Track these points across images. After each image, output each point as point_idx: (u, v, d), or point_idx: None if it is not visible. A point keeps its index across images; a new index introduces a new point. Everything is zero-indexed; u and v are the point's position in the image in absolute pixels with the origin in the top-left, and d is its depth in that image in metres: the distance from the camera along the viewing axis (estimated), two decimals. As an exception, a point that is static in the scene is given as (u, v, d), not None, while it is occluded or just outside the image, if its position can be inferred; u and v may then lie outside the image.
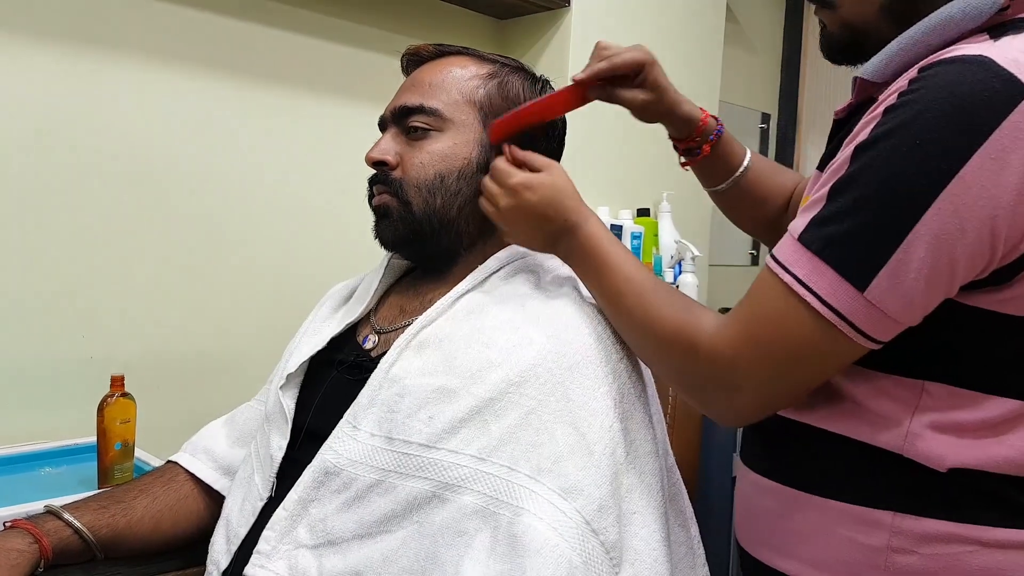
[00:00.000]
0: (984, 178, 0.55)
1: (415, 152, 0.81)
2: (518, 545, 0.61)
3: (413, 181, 0.80)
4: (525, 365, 0.68)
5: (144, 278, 1.40)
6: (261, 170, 1.54)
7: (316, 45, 1.62)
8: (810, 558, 0.68)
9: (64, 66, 1.29)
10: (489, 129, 0.81)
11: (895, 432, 0.64)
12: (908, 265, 0.56)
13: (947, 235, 0.55)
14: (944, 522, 0.62)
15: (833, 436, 0.67)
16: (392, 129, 0.84)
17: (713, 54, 2.35)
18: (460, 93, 0.82)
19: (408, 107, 0.81)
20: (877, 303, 0.57)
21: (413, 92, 0.82)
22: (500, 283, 0.79)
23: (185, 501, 0.88)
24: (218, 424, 0.95)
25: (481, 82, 0.83)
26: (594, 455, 0.65)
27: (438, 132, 0.81)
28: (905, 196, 0.56)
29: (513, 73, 0.85)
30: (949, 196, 0.55)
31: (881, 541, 0.64)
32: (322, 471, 0.71)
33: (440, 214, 0.80)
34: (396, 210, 0.81)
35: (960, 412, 0.62)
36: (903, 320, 0.59)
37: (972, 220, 0.55)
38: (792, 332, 0.60)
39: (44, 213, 1.29)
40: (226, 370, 1.51)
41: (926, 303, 0.59)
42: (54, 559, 0.77)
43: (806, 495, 0.69)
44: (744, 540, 0.76)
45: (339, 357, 0.82)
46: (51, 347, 1.30)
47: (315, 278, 1.63)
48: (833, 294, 0.58)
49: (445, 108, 0.81)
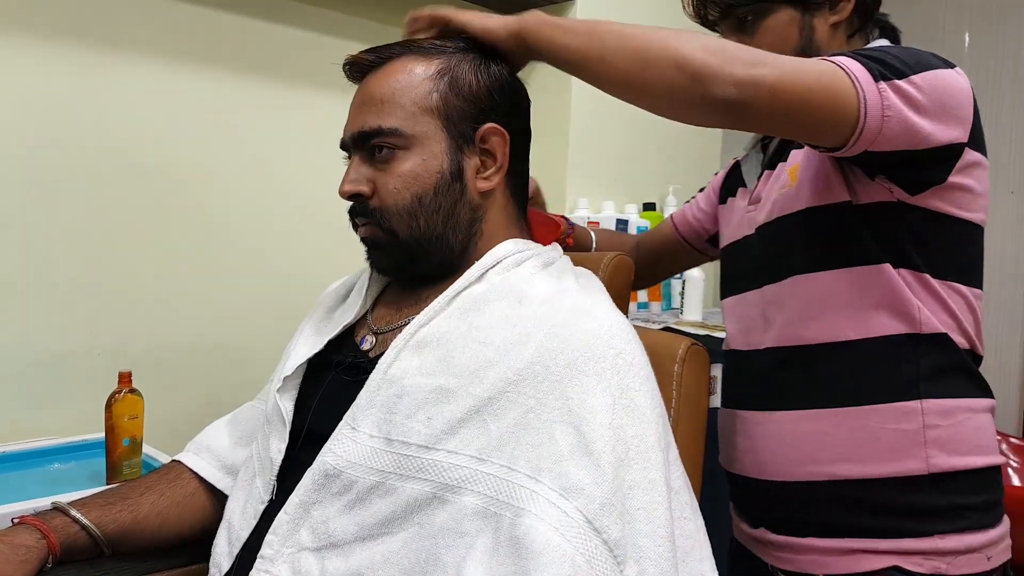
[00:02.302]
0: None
1: (386, 177, 0.79)
2: (520, 547, 0.60)
3: (392, 209, 0.79)
4: (523, 363, 0.68)
5: (151, 274, 1.41)
6: (268, 165, 1.55)
7: (322, 41, 1.62)
8: (866, 456, 0.89)
9: (71, 63, 1.30)
10: None
11: (911, 318, 0.88)
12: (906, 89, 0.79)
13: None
14: (951, 400, 0.89)
15: (853, 345, 0.90)
16: (357, 155, 0.82)
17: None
18: (414, 104, 0.79)
19: (366, 132, 0.79)
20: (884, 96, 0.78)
21: (367, 112, 0.80)
22: (496, 278, 0.78)
23: (190, 499, 0.88)
24: (221, 423, 0.95)
25: (432, 84, 0.79)
26: (593, 453, 0.64)
27: (404, 151, 0.79)
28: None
29: (461, 62, 0.81)
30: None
31: (917, 425, 0.87)
32: (322, 474, 0.71)
33: (427, 234, 0.80)
34: (383, 239, 0.80)
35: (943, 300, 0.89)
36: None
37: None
38: (824, 72, 0.78)
39: (51, 209, 1.29)
40: (233, 366, 1.52)
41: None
42: (62, 555, 0.77)
43: (846, 409, 0.90)
44: (780, 472, 0.94)
45: (337, 358, 0.82)
46: (59, 343, 1.31)
47: (322, 273, 1.62)
48: (861, 73, 0.78)
49: (404, 124, 0.78)
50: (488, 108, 0.82)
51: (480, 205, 0.82)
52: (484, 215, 0.82)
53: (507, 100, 0.84)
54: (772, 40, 0.97)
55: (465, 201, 0.81)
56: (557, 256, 0.84)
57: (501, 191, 0.84)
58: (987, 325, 0.98)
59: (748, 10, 0.99)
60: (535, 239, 0.87)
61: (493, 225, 0.83)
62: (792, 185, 0.94)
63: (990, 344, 2.83)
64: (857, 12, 0.98)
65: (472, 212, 0.82)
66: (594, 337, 0.70)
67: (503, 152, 0.82)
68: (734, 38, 1.00)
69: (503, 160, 0.83)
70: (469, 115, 0.81)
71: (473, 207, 0.82)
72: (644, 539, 0.63)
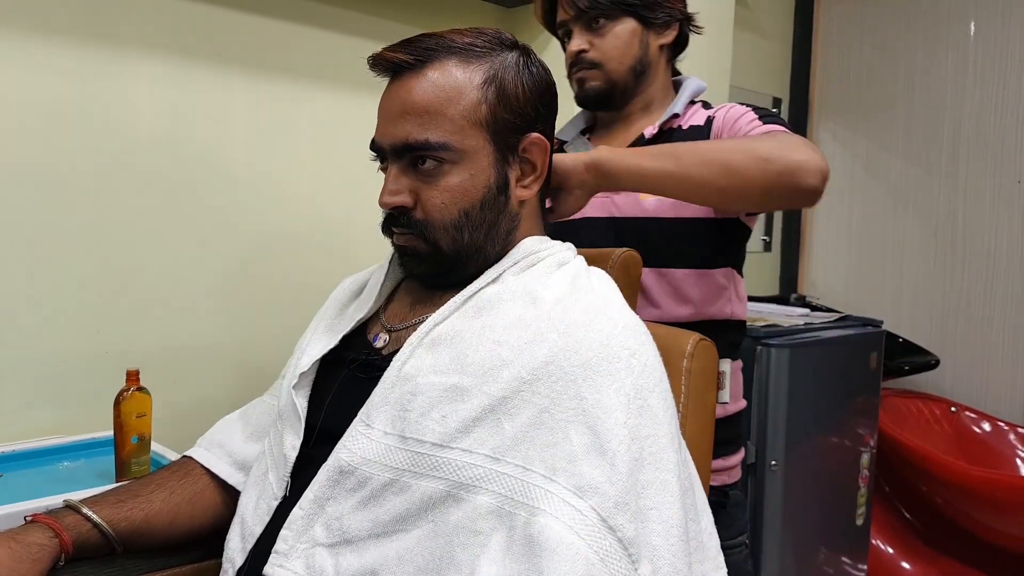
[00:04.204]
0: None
1: (432, 191, 0.77)
2: (535, 545, 0.61)
3: (438, 223, 0.78)
4: (537, 363, 0.68)
5: (158, 272, 1.41)
6: (275, 163, 1.55)
7: (327, 37, 1.61)
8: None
9: (78, 61, 1.29)
10: None
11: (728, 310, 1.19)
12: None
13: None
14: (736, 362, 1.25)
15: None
16: (397, 164, 0.79)
17: (724, 38, 2.32)
18: (463, 117, 0.76)
19: (412, 144, 0.76)
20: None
21: (410, 123, 0.76)
22: (512, 279, 0.78)
23: (201, 495, 0.88)
24: (232, 418, 0.95)
25: (480, 95, 0.77)
26: (608, 453, 0.64)
27: (452, 164, 0.77)
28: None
29: (504, 65, 0.79)
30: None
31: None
32: (336, 470, 0.71)
33: (469, 246, 0.79)
34: (424, 250, 0.79)
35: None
36: None
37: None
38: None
39: (58, 208, 1.29)
40: (241, 364, 1.52)
41: None
42: (74, 553, 0.78)
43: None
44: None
45: (350, 355, 0.82)
46: (67, 342, 1.31)
47: (329, 271, 1.63)
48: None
49: (453, 139, 0.76)
50: (533, 118, 0.81)
51: (517, 214, 0.82)
52: (519, 224, 0.83)
53: (547, 107, 0.84)
54: (616, 44, 1.15)
55: (507, 212, 0.81)
56: (572, 256, 0.84)
57: (533, 197, 0.84)
58: (996, 315, 1.01)
59: (601, 14, 1.15)
60: None
61: (525, 231, 0.84)
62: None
63: (999, 333, 2.81)
64: (678, 40, 1.21)
65: (511, 222, 0.82)
66: (608, 337, 0.70)
67: (543, 161, 0.82)
68: (584, 38, 1.16)
69: (542, 169, 0.83)
70: (515, 127, 0.80)
71: (512, 216, 0.82)
72: (657, 538, 0.64)
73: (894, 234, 2.84)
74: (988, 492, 2.18)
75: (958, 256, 2.68)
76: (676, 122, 1.18)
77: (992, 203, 2.60)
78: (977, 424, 2.52)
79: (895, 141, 2.83)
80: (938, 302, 2.72)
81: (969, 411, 2.54)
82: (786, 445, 1.84)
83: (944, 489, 2.30)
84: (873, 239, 2.89)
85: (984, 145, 2.61)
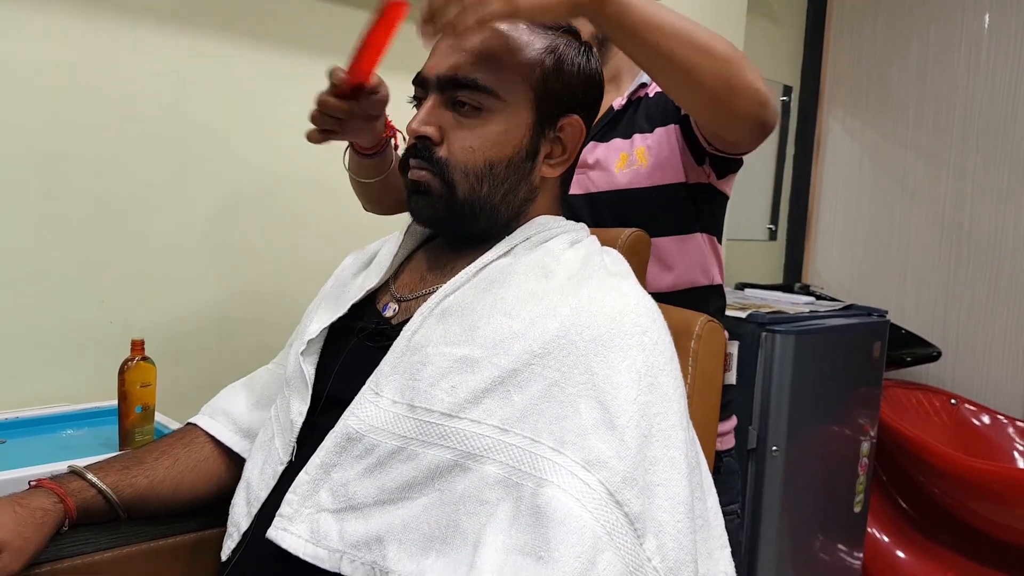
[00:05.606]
0: None
1: (464, 133, 0.77)
2: (541, 516, 0.61)
3: (460, 165, 0.77)
4: (548, 337, 0.68)
5: (163, 242, 1.41)
6: (281, 136, 1.54)
7: (336, 11, 1.60)
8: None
9: (83, 30, 1.28)
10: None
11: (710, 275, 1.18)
12: None
13: None
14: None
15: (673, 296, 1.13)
16: (436, 97, 0.78)
17: (735, 25, 2.31)
18: (517, 71, 0.77)
19: (459, 80, 0.76)
20: None
21: (464, 57, 0.76)
22: (525, 253, 0.78)
23: (205, 463, 0.88)
24: (237, 386, 0.95)
25: (539, 57, 0.78)
26: (617, 428, 0.64)
27: (490, 112, 0.77)
28: None
29: (567, 45, 0.81)
30: None
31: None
32: (344, 436, 0.71)
33: (484, 200, 0.79)
34: (437, 190, 0.78)
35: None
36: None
37: None
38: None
39: (63, 178, 1.29)
40: (245, 335, 1.52)
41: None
42: (78, 518, 0.78)
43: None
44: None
45: (359, 324, 0.81)
46: (72, 311, 1.31)
47: (333, 244, 1.63)
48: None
49: (501, 87, 0.76)
50: (579, 100, 0.82)
51: (537, 188, 0.82)
52: (536, 198, 0.83)
53: (593, 99, 0.84)
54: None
55: (528, 181, 0.81)
56: (585, 235, 0.84)
57: (556, 179, 0.84)
58: (999, 309, 1.00)
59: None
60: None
61: (540, 209, 0.84)
62: (643, 165, 1.12)
63: (1001, 328, 2.80)
64: None
65: (529, 193, 0.82)
66: (620, 314, 0.70)
67: (575, 145, 0.83)
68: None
69: (571, 153, 0.83)
70: (560, 101, 0.80)
71: (531, 188, 0.82)
72: (663, 514, 0.64)
73: (900, 225, 2.83)
74: (985, 484, 2.19)
75: (963, 249, 2.67)
76: (644, 91, 1.17)
77: (999, 197, 2.59)
78: (977, 417, 2.52)
79: (904, 133, 2.82)
80: (942, 294, 2.72)
81: (969, 403, 2.54)
82: (788, 431, 1.84)
83: (942, 480, 2.31)
84: (879, 230, 2.88)
85: (993, 139, 2.60)
